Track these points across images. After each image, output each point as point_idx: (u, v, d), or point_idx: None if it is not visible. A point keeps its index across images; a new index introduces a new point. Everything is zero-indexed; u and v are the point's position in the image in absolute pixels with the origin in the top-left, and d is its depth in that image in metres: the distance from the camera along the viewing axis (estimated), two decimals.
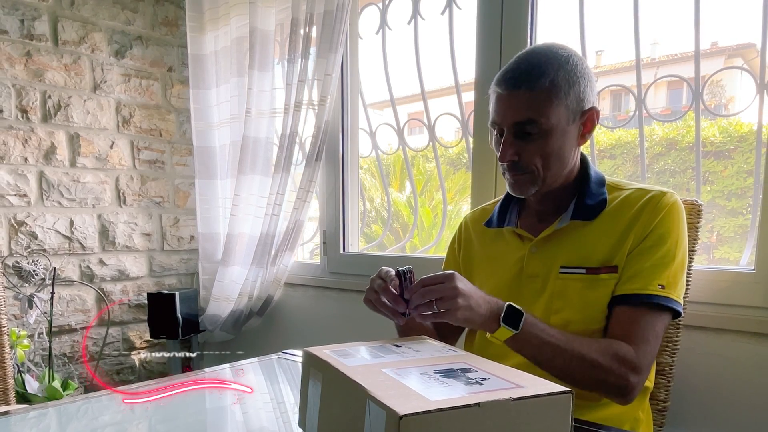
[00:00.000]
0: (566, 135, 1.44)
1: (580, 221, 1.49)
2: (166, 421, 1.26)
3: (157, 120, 3.46)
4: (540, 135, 1.41)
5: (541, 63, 1.41)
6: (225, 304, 3.19)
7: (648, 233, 1.40)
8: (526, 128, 1.40)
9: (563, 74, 1.40)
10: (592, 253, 1.45)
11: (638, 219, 1.42)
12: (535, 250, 1.55)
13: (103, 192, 3.26)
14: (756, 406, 1.76)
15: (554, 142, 1.42)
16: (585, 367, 1.31)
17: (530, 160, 1.44)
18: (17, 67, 2.91)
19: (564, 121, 1.42)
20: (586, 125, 1.47)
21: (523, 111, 1.40)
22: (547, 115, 1.39)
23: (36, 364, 3.01)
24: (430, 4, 2.64)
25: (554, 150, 1.43)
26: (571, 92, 1.40)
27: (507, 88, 1.42)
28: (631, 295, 1.38)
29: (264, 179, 3.05)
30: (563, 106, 1.40)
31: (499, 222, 1.66)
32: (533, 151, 1.43)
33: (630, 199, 1.47)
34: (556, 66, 1.40)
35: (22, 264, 2.97)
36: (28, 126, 2.96)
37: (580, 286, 1.45)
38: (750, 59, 2.11)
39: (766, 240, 1.74)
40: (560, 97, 1.39)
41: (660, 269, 1.37)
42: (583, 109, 1.45)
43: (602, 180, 1.54)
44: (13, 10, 2.88)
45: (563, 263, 1.49)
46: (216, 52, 3.28)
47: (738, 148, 2.21)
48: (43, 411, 1.31)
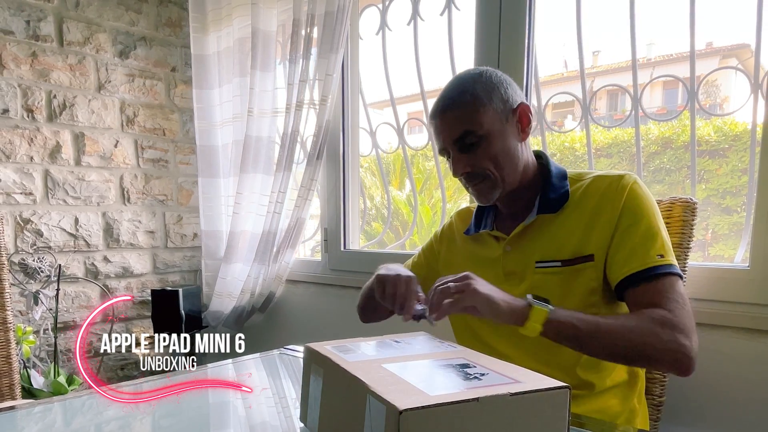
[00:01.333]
0: (504, 134, 1.50)
1: (546, 215, 1.52)
2: (169, 416, 1.26)
3: (161, 119, 3.45)
4: (480, 142, 1.48)
5: (457, 85, 1.53)
6: (227, 301, 3.19)
7: (619, 215, 1.42)
8: (466, 140, 1.48)
9: (480, 86, 1.49)
10: (564, 244, 1.48)
11: (602, 206, 1.44)
12: (509, 248, 1.58)
13: (108, 190, 3.25)
14: (750, 401, 1.76)
15: (496, 143, 1.49)
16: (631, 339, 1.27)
17: (482, 166, 1.50)
18: (23, 68, 2.91)
19: (497, 123, 1.49)
20: (522, 121, 1.53)
21: (457, 127, 1.49)
22: (479, 123, 1.47)
23: (41, 359, 3.01)
24: (430, 5, 2.64)
25: (499, 150, 1.49)
26: (493, 97, 1.49)
27: (438, 115, 1.53)
28: (635, 274, 1.36)
29: (266, 178, 3.04)
30: (491, 111, 1.48)
31: (476, 227, 1.70)
32: (481, 158, 1.49)
33: (591, 188, 1.50)
34: (471, 82, 1.51)
35: (27, 261, 2.97)
36: (33, 125, 2.96)
37: (558, 278, 1.48)
38: (744, 59, 2.11)
39: (760, 237, 1.74)
40: (484, 103, 1.47)
41: (650, 242, 1.38)
42: (512, 108, 1.51)
43: (563, 173, 1.58)
44: (19, 11, 2.87)
45: (538, 258, 1.51)
46: (219, 52, 3.27)
47: (732, 147, 2.21)
48: (49, 406, 1.30)
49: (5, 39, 2.84)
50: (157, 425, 1.20)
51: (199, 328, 3.38)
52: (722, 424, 1.82)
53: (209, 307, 3.30)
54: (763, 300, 1.72)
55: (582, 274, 1.45)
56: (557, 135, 2.60)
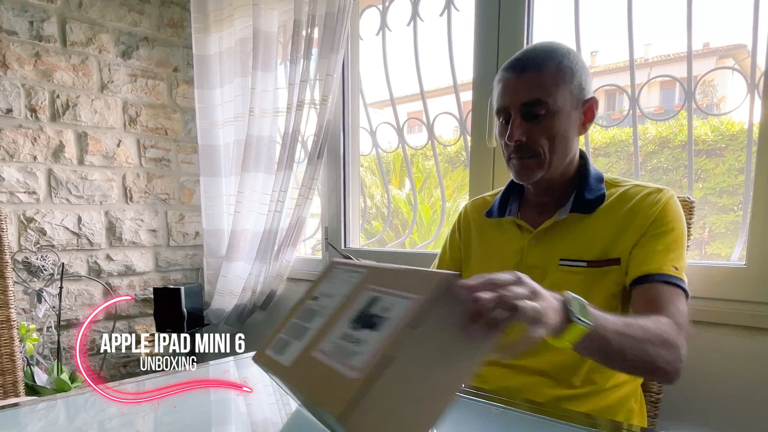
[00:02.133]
0: (570, 119, 1.45)
1: (578, 214, 1.49)
2: (172, 413, 1.25)
3: (163, 119, 3.45)
4: (547, 116, 1.41)
5: (547, 50, 1.44)
6: (229, 299, 3.19)
7: (651, 222, 1.40)
8: (534, 109, 1.41)
9: (567, 62, 1.42)
10: (591, 246, 1.45)
11: (637, 212, 1.42)
12: (534, 241, 1.54)
13: (110, 189, 3.25)
14: (747, 398, 1.76)
15: (560, 124, 1.43)
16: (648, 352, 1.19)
17: (537, 142, 1.44)
18: (26, 68, 2.90)
19: (569, 105, 1.43)
20: (586, 114, 1.48)
21: (532, 91, 1.41)
22: (554, 96, 1.40)
23: (45, 357, 3.01)
24: (429, 5, 2.64)
25: (560, 132, 1.44)
26: (574, 79, 1.42)
27: (515, 71, 1.44)
28: (649, 275, 1.35)
29: (267, 177, 3.04)
30: (568, 91, 1.42)
31: (500, 212, 1.65)
32: (540, 132, 1.43)
33: (628, 194, 1.47)
34: (560, 54, 1.43)
35: (31, 259, 2.97)
36: (37, 125, 2.95)
37: (581, 278, 1.45)
38: (741, 59, 2.11)
39: (756, 236, 1.74)
40: (565, 81, 1.41)
41: (672, 253, 1.37)
42: (584, 98, 1.46)
43: (601, 176, 1.54)
44: (23, 12, 2.87)
45: (563, 255, 1.48)
46: (220, 52, 3.27)
47: (729, 147, 2.21)
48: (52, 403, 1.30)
49: (9, 39, 2.84)
50: (160, 422, 1.20)
51: (200, 326, 3.38)
52: (719, 421, 1.82)
53: (211, 305, 3.30)
54: (759, 298, 1.72)
55: (606, 277, 1.43)
56: None
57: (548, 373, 1.48)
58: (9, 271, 2.11)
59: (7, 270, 2.10)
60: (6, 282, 2.10)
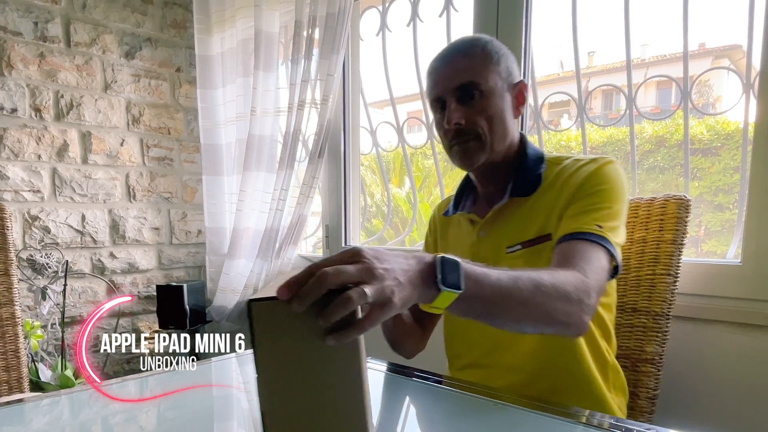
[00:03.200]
0: (504, 101, 1.45)
1: (519, 198, 1.47)
2: (174, 408, 1.26)
3: (166, 118, 3.45)
4: (482, 97, 1.42)
5: (470, 39, 1.49)
6: (231, 296, 3.19)
7: (578, 187, 1.37)
8: (468, 91, 1.42)
9: (491, 47, 1.45)
10: (529, 227, 1.43)
11: (569, 183, 1.40)
12: (483, 233, 1.53)
13: (114, 188, 3.25)
14: (743, 394, 1.76)
15: (495, 103, 1.43)
16: (542, 304, 1.09)
17: (476, 123, 1.43)
18: (31, 68, 2.90)
19: (500, 86, 1.44)
20: (518, 98, 1.49)
21: (463, 74, 1.42)
22: (485, 77, 1.41)
23: (49, 353, 3.01)
24: (429, 6, 2.63)
25: (497, 112, 1.44)
26: (501, 62, 1.44)
27: (443, 60, 1.48)
28: (568, 234, 1.30)
29: (269, 175, 3.04)
30: (496, 73, 1.43)
31: (454, 209, 1.65)
32: (477, 113, 1.43)
33: (564, 169, 1.45)
34: (483, 41, 1.46)
35: (35, 257, 2.97)
36: (41, 124, 2.95)
37: (521, 261, 1.42)
38: (736, 60, 2.11)
39: (752, 234, 1.74)
40: (493, 63, 1.43)
41: (595, 212, 1.32)
42: (513, 82, 1.48)
43: (541, 156, 1.53)
44: (27, 13, 2.87)
45: (508, 243, 1.46)
46: (222, 53, 3.27)
47: (725, 146, 2.21)
48: (56, 399, 1.30)
49: (14, 40, 2.84)
50: (162, 417, 1.20)
51: (203, 323, 3.38)
52: (715, 415, 1.82)
53: (213, 302, 3.29)
54: (754, 295, 1.72)
55: (542, 255, 1.38)
56: (553, 134, 2.59)
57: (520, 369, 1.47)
58: (14, 268, 2.11)
59: (11, 268, 2.10)
60: (11, 279, 2.10)
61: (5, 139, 2.85)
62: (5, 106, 2.84)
